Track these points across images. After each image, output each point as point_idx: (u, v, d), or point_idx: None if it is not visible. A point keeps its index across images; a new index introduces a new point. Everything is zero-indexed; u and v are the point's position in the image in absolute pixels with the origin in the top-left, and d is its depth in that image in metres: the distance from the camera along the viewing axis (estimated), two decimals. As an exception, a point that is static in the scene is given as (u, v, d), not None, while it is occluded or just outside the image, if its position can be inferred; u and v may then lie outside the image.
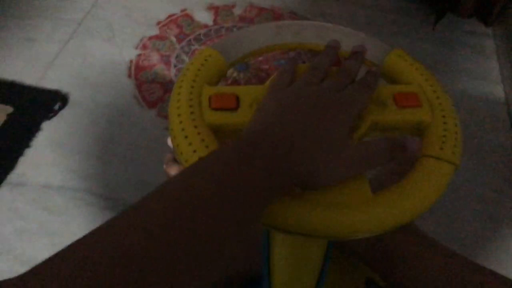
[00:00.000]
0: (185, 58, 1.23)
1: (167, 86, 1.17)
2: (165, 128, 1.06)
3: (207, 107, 0.39)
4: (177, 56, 1.23)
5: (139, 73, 1.19)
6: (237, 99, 0.40)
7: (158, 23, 1.32)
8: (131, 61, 1.22)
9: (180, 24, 1.32)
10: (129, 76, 1.18)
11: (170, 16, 1.34)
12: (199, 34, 1.30)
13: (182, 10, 1.36)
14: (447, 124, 0.39)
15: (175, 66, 1.21)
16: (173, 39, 1.28)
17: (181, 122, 0.38)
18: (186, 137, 0.37)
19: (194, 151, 0.36)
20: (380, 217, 0.34)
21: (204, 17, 1.35)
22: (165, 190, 0.28)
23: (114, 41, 1.26)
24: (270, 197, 0.32)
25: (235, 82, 1.20)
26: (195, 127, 0.38)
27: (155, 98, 1.14)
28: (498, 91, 1.22)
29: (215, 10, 1.38)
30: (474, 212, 0.98)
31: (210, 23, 1.34)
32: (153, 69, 1.20)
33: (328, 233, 0.34)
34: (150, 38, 1.28)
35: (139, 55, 1.23)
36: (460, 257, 0.51)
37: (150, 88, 1.16)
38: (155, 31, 1.30)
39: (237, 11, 1.38)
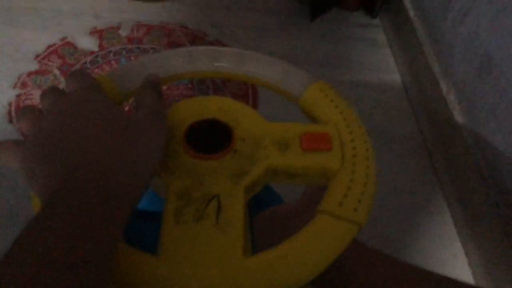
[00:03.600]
0: (73, 91, 1.11)
1: (57, 125, 1.04)
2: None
3: None
4: (63, 91, 1.11)
5: (22, 116, 1.06)
6: None
7: (37, 56, 1.19)
8: (10, 104, 1.07)
9: (62, 54, 1.20)
10: (10, 121, 1.04)
11: (49, 47, 1.21)
12: (85, 62, 1.19)
13: (62, 39, 1.24)
14: (356, 173, 0.33)
15: (63, 101, 1.09)
16: (56, 72, 1.16)
17: None
18: None
19: None
20: (247, 285, 0.28)
21: (88, 43, 1.24)
22: None
23: (-13, 83, 1.11)
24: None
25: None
26: None
27: (44, 142, 1.01)
28: (397, 80, 1.25)
29: (100, 34, 1.27)
30: (396, 206, 0.99)
31: (96, 48, 1.23)
32: (38, 109, 1.07)
33: None
34: (29, 74, 1.14)
35: (19, 95, 1.09)
36: (401, 264, 0.49)
37: (38, 131, 1.04)
38: (34, 66, 1.16)
39: (124, 32, 1.28)
